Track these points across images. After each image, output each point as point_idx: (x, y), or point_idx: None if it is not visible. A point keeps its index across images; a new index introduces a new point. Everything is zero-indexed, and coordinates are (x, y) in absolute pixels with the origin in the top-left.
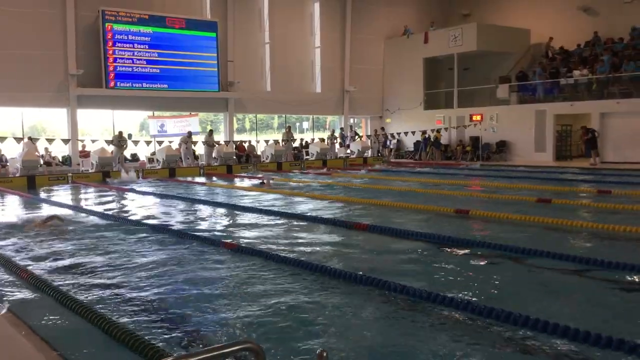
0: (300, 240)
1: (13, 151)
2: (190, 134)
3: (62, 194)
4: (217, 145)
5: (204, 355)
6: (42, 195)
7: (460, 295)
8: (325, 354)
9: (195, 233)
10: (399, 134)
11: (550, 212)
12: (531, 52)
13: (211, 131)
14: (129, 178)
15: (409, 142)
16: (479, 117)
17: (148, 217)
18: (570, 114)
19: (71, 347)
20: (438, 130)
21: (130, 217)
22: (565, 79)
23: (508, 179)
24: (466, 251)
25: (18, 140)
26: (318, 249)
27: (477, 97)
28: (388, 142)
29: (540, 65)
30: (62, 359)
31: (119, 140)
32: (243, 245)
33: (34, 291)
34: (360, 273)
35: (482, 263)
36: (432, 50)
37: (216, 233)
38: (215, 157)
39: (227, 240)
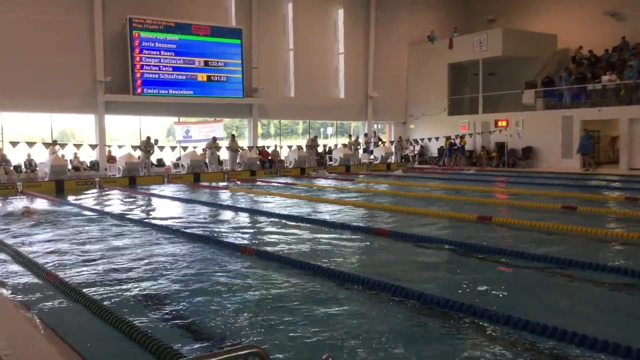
0: (319, 246)
1: (42, 156)
2: (215, 139)
3: (89, 198)
4: (240, 151)
5: (212, 359)
6: (70, 199)
7: (481, 303)
8: None
9: (215, 237)
10: (422, 139)
11: (575, 220)
12: (557, 58)
13: (233, 136)
14: None
15: (433, 148)
16: (504, 123)
17: (170, 221)
18: (598, 119)
19: (87, 346)
20: (462, 137)
21: (152, 221)
22: (593, 85)
23: (532, 186)
24: (488, 258)
25: (47, 145)
26: (337, 254)
27: (503, 102)
28: (412, 149)
29: (566, 71)
30: (79, 357)
31: (146, 146)
32: (261, 249)
33: (54, 291)
34: (379, 279)
35: (504, 271)
36: (456, 55)
37: (236, 237)
38: (239, 163)
39: (246, 245)
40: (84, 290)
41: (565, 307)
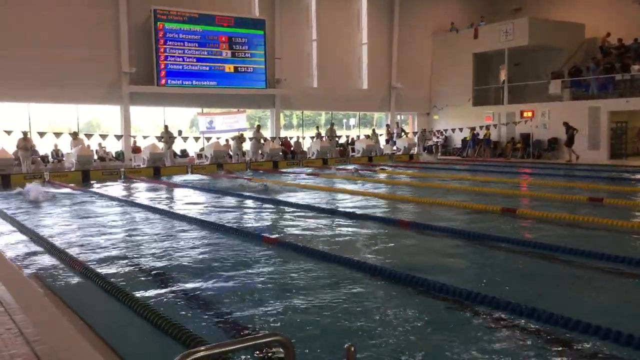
0: (340, 236)
1: (68, 147)
2: (242, 134)
3: (115, 188)
4: (264, 142)
5: (235, 346)
6: (96, 188)
7: (504, 295)
8: (353, 349)
9: (237, 226)
10: (446, 130)
11: (601, 212)
12: (585, 47)
13: (259, 126)
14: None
15: (458, 139)
16: (529, 114)
17: (193, 210)
18: (626, 110)
19: (112, 332)
20: (487, 128)
21: (175, 210)
22: (621, 75)
23: (557, 177)
24: (512, 250)
25: (73, 135)
26: (358, 245)
27: (529, 93)
28: (435, 140)
29: (594, 61)
30: (105, 345)
31: (166, 135)
32: (283, 240)
33: (79, 276)
34: (401, 271)
35: (528, 263)
36: (482, 45)
37: (257, 227)
38: (261, 153)
39: (267, 235)
40: (108, 276)
41: (590, 300)
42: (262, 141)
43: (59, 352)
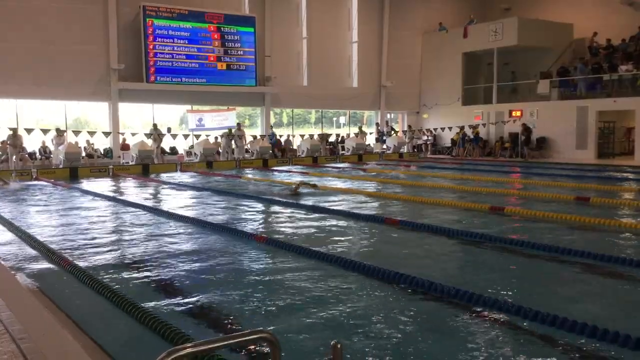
0: (330, 235)
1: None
2: (230, 131)
3: (103, 184)
4: (252, 139)
5: (222, 343)
6: (83, 184)
7: (491, 293)
8: (339, 346)
9: (226, 224)
10: (435, 129)
11: (588, 211)
12: (573, 47)
13: (239, 124)
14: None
15: (447, 138)
16: (518, 113)
17: (182, 209)
18: (613, 110)
19: (99, 329)
20: (476, 127)
21: (162, 207)
22: (609, 75)
23: (545, 177)
24: (499, 248)
25: (60, 132)
26: (348, 243)
27: (517, 92)
28: (425, 139)
29: (582, 61)
30: (92, 342)
31: (155, 133)
32: (273, 238)
33: (65, 273)
34: (389, 268)
35: (516, 261)
36: (471, 44)
37: (247, 225)
38: (247, 150)
39: (257, 233)
40: (95, 273)
41: (577, 298)
42: (248, 138)
43: (45, 350)
